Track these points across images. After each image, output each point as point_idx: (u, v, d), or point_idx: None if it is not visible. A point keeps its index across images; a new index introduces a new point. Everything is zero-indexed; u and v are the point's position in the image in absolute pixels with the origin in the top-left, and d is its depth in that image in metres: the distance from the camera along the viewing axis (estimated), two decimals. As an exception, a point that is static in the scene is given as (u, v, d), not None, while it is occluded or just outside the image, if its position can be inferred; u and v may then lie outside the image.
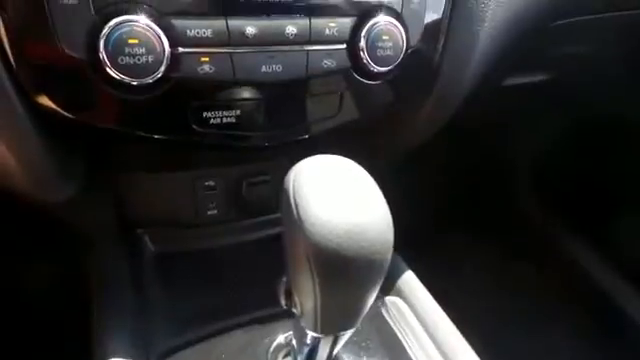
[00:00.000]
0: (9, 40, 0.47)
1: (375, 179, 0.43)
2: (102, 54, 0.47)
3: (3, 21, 0.46)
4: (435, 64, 0.68)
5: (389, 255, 0.41)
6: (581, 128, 1.52)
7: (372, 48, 0.59)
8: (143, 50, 0.48)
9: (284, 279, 0.48)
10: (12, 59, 0.48)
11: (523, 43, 0.82)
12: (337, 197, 0.39)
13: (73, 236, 0.93)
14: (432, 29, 0.64)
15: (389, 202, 0.41)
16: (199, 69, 0.53)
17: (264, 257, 0.94)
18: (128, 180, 0.83)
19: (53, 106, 0.50)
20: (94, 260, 0.94)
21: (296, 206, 0.40)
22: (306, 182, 0.40)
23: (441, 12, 0.64)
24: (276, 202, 0.95)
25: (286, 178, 0.42)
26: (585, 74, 1.15)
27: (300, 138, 0.64)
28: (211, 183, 0.88)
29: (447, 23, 0.66)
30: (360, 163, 0.44)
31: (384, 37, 0.59)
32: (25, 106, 0.51)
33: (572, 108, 1.41)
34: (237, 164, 0.86)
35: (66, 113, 0.51)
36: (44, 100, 0.50)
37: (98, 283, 0.90)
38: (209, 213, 0.91)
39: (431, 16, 0.63)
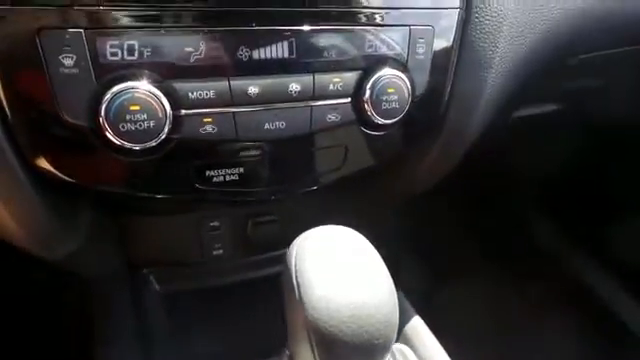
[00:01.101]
0: (9, 105, 0.47)
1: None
2: (103, 121, 0.47)
3: (3, 87, 0.46)
4: (441, 112, 0.66)
5: (394, 335, 0.40)
6: (587, 147, 1.51)
7: (377, 101, 0.58)
8: (145, 116, 0.47)
9: (286, 352, 0.47)
10: (12, 122, 0.47)
11: (532, 83, 0.81)
12: (340, 278, 0.38)
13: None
14: (438, 78, 0.63)
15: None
16: (201, 130, 0.52)
17: (269, 295, 0.93)
18: (133, 223, 0.82)
19: (52, 170, 0.50)
20: (97, 297, 0.94)
21: (298, 286, 0.38)
22: (308, 261, 0.39)
23: (447, 61, 0.63)
24: (282, 239, 0.95)
25: (288, 253, 0.41)
26: (596, 105, 1.13)
27: (305, 191, 0.63)
28: (216, 224, 0.88)
29: (453, 71, 0.65)
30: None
31: (389, 90, 0.58)
32: (24, 168, 0.50)
33: (579, 133, 1.39)
34: (242, 206, 0.86)
35: (65, 177, 0.51)
36: (43, 163, 0.50)
37: (100, 322, 0.90)
38: (214, 253, 0.90)
39: (437, 65, 0.62)
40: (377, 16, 0.57)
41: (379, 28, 0.57)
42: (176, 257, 0.92)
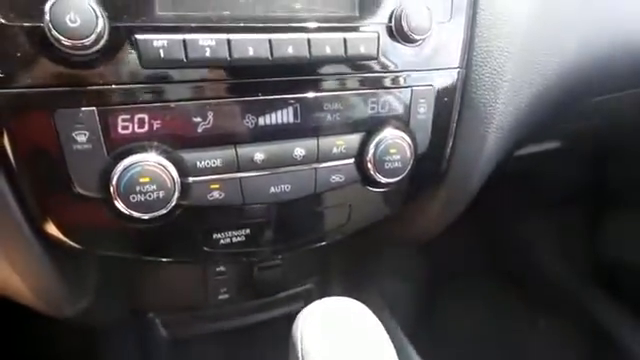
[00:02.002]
0: (22, 174, 0.48)
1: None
2: (114, 193, 0.48)
3: (17, 159, 0.47)
4: (443, 168, 0.68)
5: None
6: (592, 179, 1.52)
7: (380, 162, 0.60)
8: (154, 187, 0.49)
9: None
10: (23, 190, 0.49)
11: (533, 131, 0.82)
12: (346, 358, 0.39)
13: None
14: (439, 136, 0.65)
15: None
16: (209, 196, 0.53)
17: (273, 338, 0.93)
18: (139, 271, 0.83)
19: (60, 236, 0.51)
20: (101, 342, 0.94)
21: (304, 366, 0.39)
22: (313, 342, 0.39)
23: (448, 118, 0.65)
24: (286, 283, 0.95)
25: (293, 327, 0.42)
26: (599, 144, 1.14)
27: (310, 248, 0.64)
28: (222, 269, 0.89)
29: (454, 128, 0.66)
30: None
31: (392, 151, 0.60)
32: (34, 233, 0.52)
33: (582, 167, 1.40)
34: None
35: (73, 244, 0.52)
36: (52, 230, 0.51)
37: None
38: (220, 297, 0.91)
39: (438, 124, 0.64)
40: (379, 80, 0.58)
41: (381, 90, 0.59)
42: (182, 302, 0.92)
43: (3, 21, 0.42)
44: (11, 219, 0.51)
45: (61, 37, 0.42)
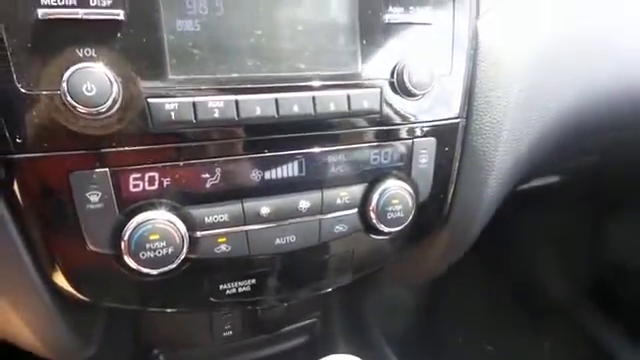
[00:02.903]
0: (35, 230, 0.50)
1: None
2: (125, 250, 0.50)
3: (31, 216, 0.49)
4: (444, 214, 0.69)
5: None
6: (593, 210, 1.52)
7: (382, 212, 0.61)
8: (163, 243, 0.50)
9: None
10: (36, 244, 0.51)
11: (534, 172, 0.83)
12: None
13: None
14: (441, 185, 0.66)
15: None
16: (216, 249, 0.55)
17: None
18: (147, 314, 0.84)
19: (70, 289, 0.53)
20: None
21: None
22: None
23: (449, 167, 0.67)
24: (290, 318, 0.95)
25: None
26: (599, 176, 1.15)
27: (315, 294, 0.65)
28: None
29: (455, 176, 0.68)
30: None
31: (394, 201, 0.61)
32: (44, 284, 0.54)
33: (587, 199, 1.41)
34: None
35: (82, 296, 0.53)
36: (62, 282, 0.53)
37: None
38: (225, 334, 0.91)
39: (439, 173, 0.66)
40: (382, 133, 0.60)
41: (384, 143, 0.61)
42: (187, 338, 0.93)
43: (23, 90, 0.44)
44: (22, 270, 0.52)
45: (78, 105, 0.44)
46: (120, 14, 0.46)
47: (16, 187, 0.47)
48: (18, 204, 0.48)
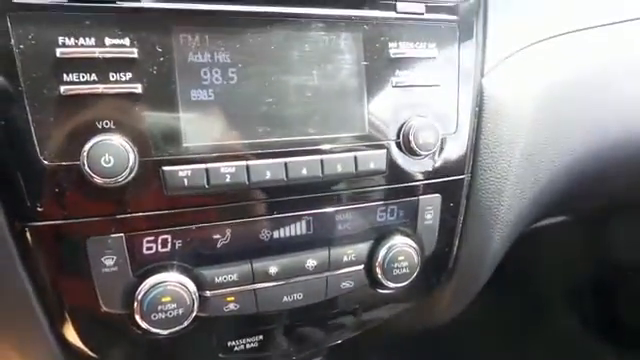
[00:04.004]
0: (50, 290, 0.52)
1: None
2: (137, 311, 0.51)
3: (46, 276, 0.51)
4: (449, 267, 0.70)
5: None
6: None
7: (388, 269, 0.62)
8: (174, 305, 0.52)
9: None
10: (51, 305, 0.53)
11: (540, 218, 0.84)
12: None
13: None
14: (446, 239, 0.67)
15: None
16: (225, 308, 0.56)
17: None
18: None
19: (81, 345, 0.54)
20: None
21: None
22: None
23: (454, 222, 0.68)
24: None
25: None
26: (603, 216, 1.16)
27: (321, 348, 0.66)
28: None
29: (460, 230, 0.69)
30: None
31: (400, 257, 0.62)
32: (57, 341, 0.55)
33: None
34: None
35: (92, 353, 0.55)
36: (72, 338, 0.54)
37: None
38: None
39: (444, 228, 0.67)
40: (388, 192, 0.62)
41: (390, 201, 0.62)
42: None
43: (46, 162, 0.47)
44: (35, 324, 0.54)
45: (96, 176, 0.46)
46: (138, 87, 0.49)
47: (35, 251, 0.49)
48: (36, 267, 0.50)
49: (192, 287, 0.53)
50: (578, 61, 0.78)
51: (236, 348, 0.60)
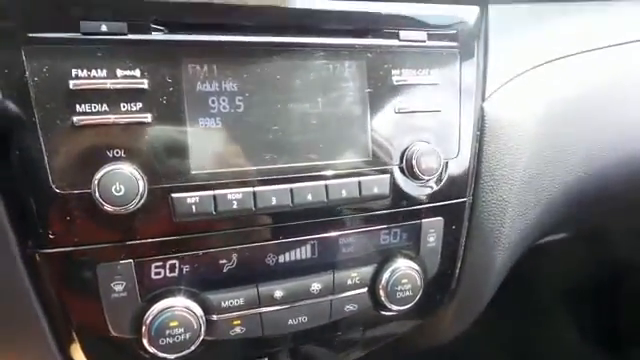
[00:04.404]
0: (59, 315, 0.53)
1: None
2: (144, 336, 0.52)
3: (57, 301, 0.52)
4: (452, 288, 0.71)
5: None
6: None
7: (392, 292, 0.63)
8: (182, 330, 0.53)
9: None
10: (59, 327, 0.54)
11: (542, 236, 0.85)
12: None
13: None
14: (448, 261, 0.68)
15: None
16: (231, 332, 0.57)
17: None
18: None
19: None
20: None
21: None
22: None
23: (457, 244, 0.69)
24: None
25: None
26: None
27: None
28: None
29: (462, 251, 0.69)
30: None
31: (403, 281, 0.63)
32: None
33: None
34: None
35: None
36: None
37: None
38: None
39: (447, 250, 0.67)
40: (391, 215, 0.63)
41: (393, 224, 0.63)
42: None
43: (58, 191, 0.48)
44: (44, 346, 0.55)
45: (107, 204, 0.48)
46: (148, 117, 0.50)
47: (45, 276, 0.50)
48: (46, 291, 0.51)
49: (199, 311, 0.54)
50: (578, 83, 0.79)
51: None
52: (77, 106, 0.48)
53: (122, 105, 0.49)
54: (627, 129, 0.85)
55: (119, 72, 0.49)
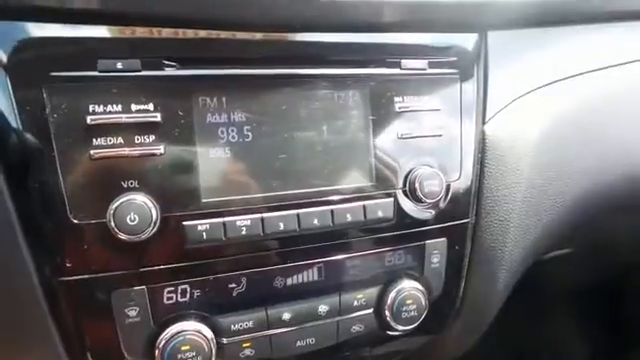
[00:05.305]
0: (76, 340, 0.54)
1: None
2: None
3: (73, 328, 0.54)
4: (457, 307, 0.72)
5: None
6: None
7: (397, 312, 0.65)
8: (193, 353, 0.54)
9: None
10: (75, 352, 0.55)
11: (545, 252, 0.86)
12: None
13: None
14: (452, 281, 0.70)
15: None
16: (241, 354, 0.59)
17: None
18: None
19: None
20: None
21: None
22: None
23: (460, 264, 0.70)
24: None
25: None
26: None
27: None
28: None
29: (466, 271, 0.71)
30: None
31: (408, 301, 0.65)
32: None
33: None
34: None
35: None
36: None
37: None
38: None
39: (451, 270, 0.69)
40: (395, 238, 0.64)
41: (397, 247, 0.65)
42: None
43: (75, 221, 0.50)
44: None
45: (121, 233, 0.50)
46: (161, 148, 0.52)
47: (62, 303, 0.52)
48: (63, 317, 0.53)
49: (210, 334, 0.56)
50: (577, 104, 0.80)
51: None
52: (94, 140, 0.50)
53: (136, 138, 0.52)
54: (627, 147, 0.86)
55: (133, 107, 0.51)
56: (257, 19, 0.56)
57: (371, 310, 0.65)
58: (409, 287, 0.65)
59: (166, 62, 0.53)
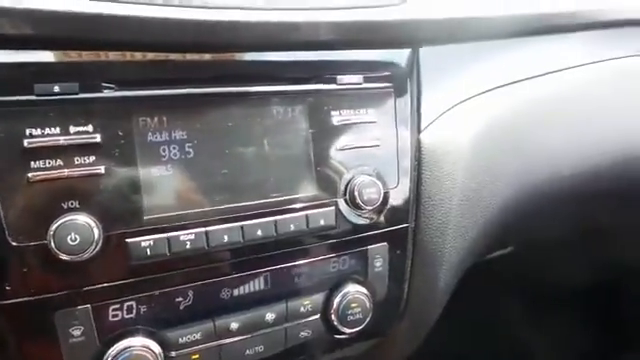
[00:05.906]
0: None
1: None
2: (107, 381, 0.54)
3: (17, 351, 0.54)
4: (401, 308, 0.76)
5: None
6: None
7: (343, 315, 0.67)
8: (142, 370, 0.55)
9: None
10: None
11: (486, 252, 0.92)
12: None
13: None
14: (396, 283, 0.73)
15: None
16: (189, 366, 0.60)
17: None
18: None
19: None
20: None
21: None
22: None
23: (403, 267, 0.74)
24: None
25: None
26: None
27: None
28: None
29: (408, 274, 0.75)
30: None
31: (353, 305, 0.68)
32: None
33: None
34: None
35: None
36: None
37: None
38: None
39: (394, 273, 0.73)
40: (338, 245, 0.67)
41: (341, 253, 0.68)
42: None
43: (14, 244, 0.50)
44: None
45: (62, 254, 0.50)
46: (101, 168, 0.53)
47: (3, 327, 0.52)
48: (5, 341, 0.53)
49: (157, 349, 0.57)
50: (506, 112, 0.86)
51: None
52: (32, 163, 0.51)
53: (76, 159, 0.52)
54: (552, 149, 0.93)
55: (72, 129, 0.52)
56: (194, 42, 0.58)
57: (318, 315, 0.67)
58: (354, 291, 0.68)
59: (104, 84, 0.54)
